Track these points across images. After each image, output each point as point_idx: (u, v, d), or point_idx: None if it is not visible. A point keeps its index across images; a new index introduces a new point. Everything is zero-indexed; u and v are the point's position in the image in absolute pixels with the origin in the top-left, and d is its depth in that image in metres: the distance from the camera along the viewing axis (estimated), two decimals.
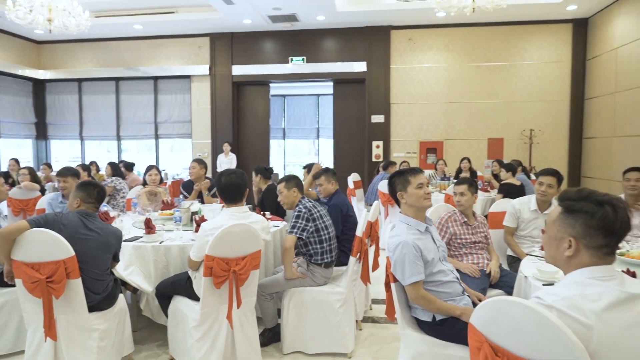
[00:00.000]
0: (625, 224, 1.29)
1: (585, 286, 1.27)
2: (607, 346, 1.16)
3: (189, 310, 2.81)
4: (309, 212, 3.17)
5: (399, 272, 2.30)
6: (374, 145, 9.35)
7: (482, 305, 1.37)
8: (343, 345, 3.14)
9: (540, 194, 3.46)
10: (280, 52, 9.57)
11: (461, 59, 9.11)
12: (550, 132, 8.98)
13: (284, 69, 9.56)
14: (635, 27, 7.15)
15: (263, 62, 9.64)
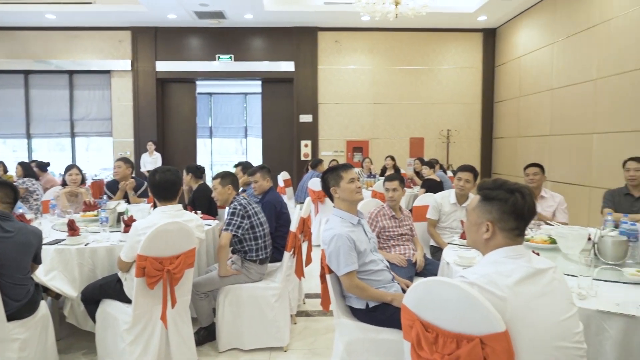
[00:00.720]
0: (531, 209, 1.49)
1: (500, 264, 1.44)
2: (519, 314, 1.34)
3: (120, 313, 2.72)
4: (244, 209, 3.19)
5: (334, 263, 2.41)
6: (303, 144, 9.49)
7: (413, 287, 1.50)
8: (279, 340, 3.21)
9: (459, 188, 3.77)
10: (207, 49, 9.38)
11: (385, 62, 9.53)
12: (464, 132, 9.69)
13: (210, 66, 9.38)
14: (536, 38, 7.94)
15: (189, 58, 9.39)
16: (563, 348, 1.37)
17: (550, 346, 1.36)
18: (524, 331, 1.33)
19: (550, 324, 1.37)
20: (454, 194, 3.83)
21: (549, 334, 1.36)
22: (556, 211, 3.97)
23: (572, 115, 6.88)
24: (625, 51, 5.73)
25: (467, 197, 3.81)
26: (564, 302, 1.44)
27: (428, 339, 1.44)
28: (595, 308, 1.85)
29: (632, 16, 5.60)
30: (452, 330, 1.39)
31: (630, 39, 5.64)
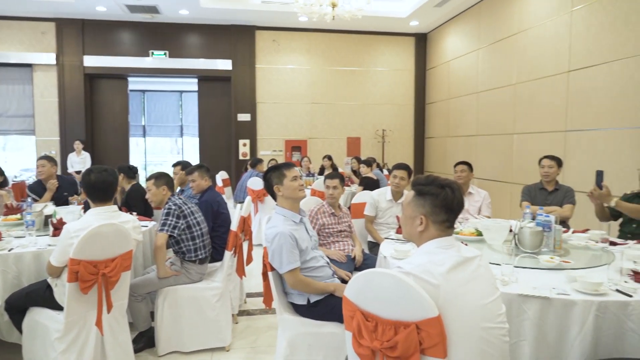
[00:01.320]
0: (459, 203, 1.62)
1: (433, 254, 1.56)
2: (450, 299, 1.45)
3: (50, 321, 2.58)
4: (179, 209, 3.13)
5: (277, 261, 2.45)
6: (241, 144, 9.41)
7: (354, 279, 1.58)
8: (221, 340, 3.19)
9: (395, 186, 3.94)
10: (140, 44, 9.02)
11: (322, 62, 9.68)
12: (399, 132, 10.08)
13: (143, 62, 9.03)
14: (463, 44, 8.44)
15: (120, 54, 8.97)
16: (489, 328, 1.50)
17: (477, 327, 1.48)
18: (454, 315, 1.45)
19: (477, 307, 1.50)
20: (389, 191, 4.00)
21: (476, 316, 1.49)
22: (482, 206, 4.27)
23: (495, 117, 7.39)
24: (540, 59, 6.26)
25: (402, 194, 3.99)
26: (489, 287, 1.58)
27: (368, 328, 1.52)
28: (515, 292, 2.04)
29: (546, 27, 6.13)
30: (390, 318, 1.48)
31: (544, 47, 6.17)
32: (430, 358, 1.44)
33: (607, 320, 1.95)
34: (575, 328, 1.97)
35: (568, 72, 5.73)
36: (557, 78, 5.92)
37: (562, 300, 1.98)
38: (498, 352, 1.53)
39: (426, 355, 1.44)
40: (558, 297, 1.98)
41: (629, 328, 1.95)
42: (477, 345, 1.47)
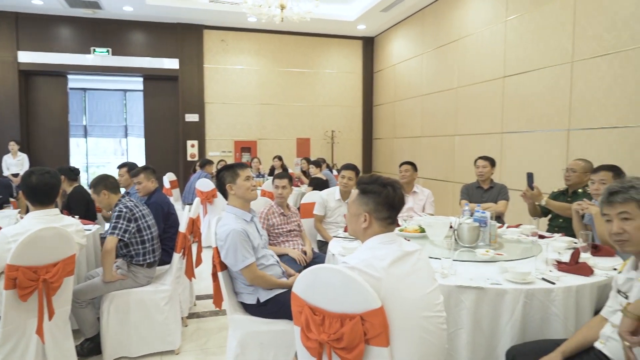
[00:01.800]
0: (400, 200, 1.72)
1: (376, 249, 1.65)
2: (392, 291, 1.55)
3: None
4: (131, 211, 3.07)
5: (231, 259, 2.47)
6: (189, 145, 9.23)
7: (301, 275, 1.65)
8: (170, 343, 3.16)
9: (343, 185, 4.05)
10: (81, 41, 8.61)
11: (271, 63, 9.68)
12: (347, 133, 10.28)
13: (84, 60, 8.64)
14: (407, 49, 8.74)
15: (59, 50, 8.52)
16: (428, 317, 1.62)
17: (417, 316, 1.59)
18: (396, 305, 1.55)
19: (417, 297, 1.61)
20: (338, 191, 4.10)
21: (416, 306, 1.60)
22: (425, 204, 4.47)
23: (438, 119, 7.72)
24: (478, 64, 6.62)
25: (350, 194, 4.11)
26: (428, 279, 1.69)
27: (316, 322, 1.59)
28: (454, 284, 2.18)
29: (484, 34, 6.49)
30: (337, 311, 1.55)
31: (482, 54, 6.53)
32: (374, 347, 1.53)
33: (534, 306, 2.13)
34: (507, 314, 2.13)
35: (503, 78, 6.11)
36: (494, 83, 6.29)
37: (495, 290, 2.14)
38: (436, 338, 1.64)
39: (370, 344, 1.53)
40: (491, 287, 2.14)
41: (553, 312, 2.14)
42: (417, 333, 1.58)
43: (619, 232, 1.67)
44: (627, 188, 1.67)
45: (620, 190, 1.68)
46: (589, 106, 4.87)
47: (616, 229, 1.68)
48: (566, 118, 5.15)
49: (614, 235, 1.69)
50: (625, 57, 4.47)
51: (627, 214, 1.66)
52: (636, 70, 4.36)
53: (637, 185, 1.67)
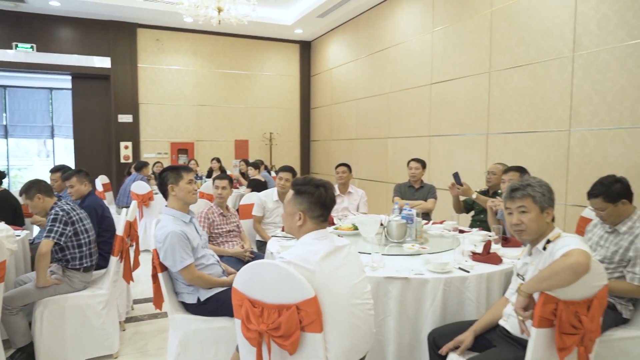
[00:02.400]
0: (332, 200, 1.90)
1: (310, 245, 1.82)
2: (324, 282, 1.72)
3: None
4: (67, 215, 3.01)
5: (170, 260, 2.52)
6: (123, 146, 8.92)
7: (241, 271, 1.77)
8: (108, 347, 3.14)
9: (281, 187, 4.19)
10: (1, 35, 8.05)
11: (208, 64, 9.60)
12: (285, 135, 10.42)
13: (5, 55, 8.08)
14: (343, 54, 9.05)
15: None
16: (357, 304, 1.80)
17: (347, 304, 1.77)
18: (328, 294, 1.72)
19: (347, 287, 1.79)
20: (276, 192, 4.24)
21: (346, 295, 1.78)
22: (359, 203, 4.72)
23: (372, 122, 8.08)
24: (409, 71, 7.03)
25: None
26: (357, 270, 1.88)
27: (255, 313, 1.72)
28: (382, 275, 2.39)
29: (413, 43, 6.90)
30: (274, 303, 1.70)
31: (412, 61, 6.95)
32: (309, 333, 1.69)
33: (452, 293, 2.40)
34: (429, 301, 2.38)
35: (430, 85, 6.54)
36: (422, 89, 6.71)
37: (418, 280, 2.38)
38: (364, 323, 1.83)
39: (305, 331, 1.69)
40: (415, 277, 2.38)
41: (467, 297, 2.42)
42: (347, 319, 1.76)
43: (518, 223, 1.96)
44: (525, 186, 1.97)
45: (520, 187, 1.97)
46: (504, 112, 5.37)
47: (515, 220, 1.97)
48: (485, 123, 5.64)
49: (514, 225, 1.98)
50: (532, 69, 4.99)
51: (525, 207, 1.95)
52: (542, 81, 4.89)
53: (533, 184, 1.97)
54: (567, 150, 4.67)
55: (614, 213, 2.46)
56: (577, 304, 1.70)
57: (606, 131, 4.31)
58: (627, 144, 4.15)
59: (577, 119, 4.57)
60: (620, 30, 4.16)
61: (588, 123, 4.47)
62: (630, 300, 2.43)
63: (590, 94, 4.44)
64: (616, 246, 2.44)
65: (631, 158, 4.12)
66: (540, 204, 1.92)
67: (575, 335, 1.68)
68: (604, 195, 2.46)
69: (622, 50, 4.16)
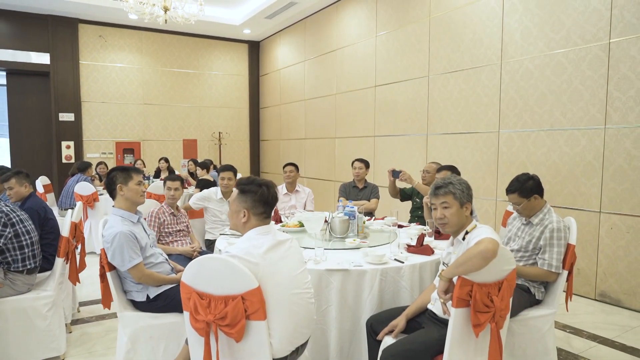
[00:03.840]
0: (274, 198, 2.05)
1: (254, 240, 1.96)
2: (267, 273, 1.87)
3: None
4: (7, 216, 2.97)
5: (119, 260, 2.57)
6: (64, 146, 8.60)
7: (189, 266, 1.88)
8: (55, 349, 3.11)
9: (224, 187, 4.30)
10: None
11: (154, 62, 9.44)
12: (235, 134, 10.43)
13: None
14: (291, 55, 9.20)
15: None
16: (297, 293, 1.97)
17: (289, 293, 1.93)
18: (271, 285, 1.87)
19: (289, 277, 1.95)
20: (219, 191, 4.35)
21: (288, 284, 1.94)
22: (306, 201, 4.90)
23: (320, 122, 8.29)
24: (354, 73, 7.29)
25: (231, 193, 4.37)
26: (297, 262, 2.05)
27: (203, 305, 1.84)
28: (324, 268, 2.58)
29: (358, 47, 7.17)
30: (221, 294, 1.83)
31: (357, 64, 7.21)
32: (254, 321, 1.84)
33: (388, 282, 2.63)
34: (367, 290, 2.60)
35: (375, 87, 6.83)
36: (367, 91, 7.00)
37: (357, 271, 2.59)
38: (305, 310, 2.00)
39: (250, 319, 1.83)
40: (354, 269, 2.58)
41: (402, 286, 2.65)
42: (289, 307, 1.92)
43: (441, 217, 2.20)
44: (447, 184, 2.21)
45: (442, 185, 2.21)
46: (442, 114, 5.73)
47: (439, 215, 2.21)
48: (425, 124, 5.98)
49: (438, 219, 2.22)
50: (466, 75, 5.37)
51: (447, 203, 2.19)
52: (475, 86, 5.27)
53: (454, 182, 2.21)
54: (497, 150, 5.07)
55: (528, 207, 2.77)
56: (489, 286, 1.95)
57: (529, 133, 4.74)
58: (547, 145, 4.59)
59: (504, 121, 4.98)
60: (539, 41, 4.59)
61: (514, 125, 4.88)
62: (542, 284, 2.76)
63: (515, 99, 4.85)
64: (530, 236, 2.76)
65: (550, 157, 4.56)
66: (460, 200, 2.17)
67: (487, 313, 1.93)
68: (519, 191, 2.77)
69: (541, 60, 4.59)
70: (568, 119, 4.40)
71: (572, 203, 4.41)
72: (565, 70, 4.39)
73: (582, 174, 4.31)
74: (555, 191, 4.54)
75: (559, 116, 4.47)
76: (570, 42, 4.34)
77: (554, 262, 2.64)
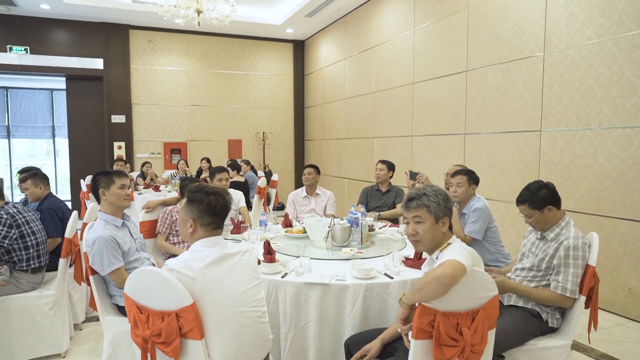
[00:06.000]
0: (223, 207, 1.89)
1: (197, 252, 1.82)
2: (206, 289, 1.72)
3: None
4: (12, 218, 3.09)
5: (98, 264, 2.56)
6: (116, 146, 9.05)
7: (129, 277, 1.78)
8: (56, 347, 3.20)
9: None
10: None
11: (201, 64, 9.65)
12: (279, 134, 10.43)
13: (2, 58, 8.25)
14: (333, 53, 9.00)
15: None
16: (242, 312, 1.80)
17: (231, 311, 1.77)
18: (210, 301, 1.72)
19: (232, 294, 1.79)
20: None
21: (230, 302, 1.78)
22: (327, 205, 4.70)
23: (359, 122, 8.03)
24: (392, 70, 6.96)
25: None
26: (247, 277, 1.88)
27: (142, 319, 1.74)
28: (302, 281, 2.39)
29: (397, 42, 6.83)
30: (158, 309, 1.71)
31: (395, 60, 6.88)
32: (190, 340, 1.70)
33: (373, 299, 2.38)
34: (349, 307, 2.37)
35: (412, 84, 6.47)
36: (405, 89, 6.65)
37: (338, 285, 2.37)
38: (252, 331, 1.83)
39: (187, 338, 1.70)
40: (335, 283, 2.36)
41: (390, 304, 2.39)
42: (231, 326, 1.76)
43: (413, 233, 1.92)
44: (421, 195, 1.92)
45: (415, 197, 1.93)
46: (480, 112, 5.28)
47: (410, 230, 1.93)
48: (462, 123, 5.55)
49: (410, 236, 1.94)
50: (506, 68, 4.89)
51: (419, 217, 1.90)
52: (515, 80, 4.79)
53: (429, 193, 1.92)
54: (539, 151, 4.57)
55: (541, 220, 2.40)
56: (459, 316, 1.66)
57: (574, 132, 4.21)
58: (594, 145, 4.05)
59: (547, 119, 4.47)
60: (587, 28, 4.06)
61: (557, 123, 4.37)
62: (558, 309, 2.37)
63: (559, 94, 4.34)
64: (543, 253, 2.39)
65: (598, 159, 4.02)
66: (435, 214, 1.88)
67: (455, 347, 1.65)
68: (529, 202, 2.40)
69: (589, 49, 4.05)
70: (619, 116, 3.84)
71: (622, 212, 3.85)
72: (616, 60, 3.84)
73: (635, 179, 3.74)
74: (603, 198, 3.99)
75: (608, 113, 3.92)
76: (623, 27, 3.78)
77: (569, 285, 2.25)
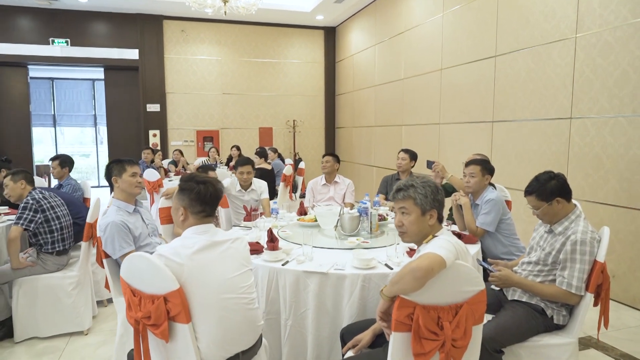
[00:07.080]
0: (213, 196, 1.93)
1: (187, 239, 1.87)
2: (193, 275, 1.77)
3: None
4: (38, 203, 3.27)
5: (110, 248, 2.68)
6: (151, 134, 9.36)
7: (124, 261, 1.86)
8: (78, 324, 3.39)
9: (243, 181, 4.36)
10: (39, 31, 8.62)
11: (233, 53, 9.77)
12: (309, 122, 10.43)
13: (45, 50, 8.67)
14: (363, 39, 8.87)
15: (18, 41, 8.53)
16: (229, 298, 1.84)
17: (218, 297, 1.81)
18: (197, 287, 1.77)
19: (219, 281, 1.83)
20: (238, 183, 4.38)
21: (217, 289, 1.82)
22: (346, 193, 4.68)
23: (388, 109, 7.91)
24: (420, 56, 6.79)
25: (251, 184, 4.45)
26: (236, 264, 1.91)
27: (135, 302, 1.81)
28: (301, 269, 2.41)
29: (425, 27, 6.65)
30: (149, 293, 1.78)
31: (424, 46, 6.70)
32: (178, 323, 1.76)
33: (371, 289, 2.37)
34: (346, 296, 2.37)
35: (441, 70, 6.29)
36: (433, 75, 6.47)
37: (336, 275, 2.37)
38: (239, 316, 1.86)
39: (175, 321, 1.76)
40: (333, 272, 2.37)
41: None
42: (217, 312, 1.81)
43: (399, 224, 1.89)
44: (408, 187, 1.88)
45: (403, 188, 1.89)
46: (509, 99, 5.08)
47: (397, 221, 1.90)
48: (490, 111, 5.36)
49: (397, 227, 1.91)
50: (536, 53, 4.67)
51: (405, 209, 1.87)
52: (545, 65, 4.57)
53: (417, 185, 1.88)
54: (568, 140, 4.36)
55: (549, 212, 2.30)
56: (440, 309, 1.63)
57: (606, 119, 3.98)
58: (627, 134, 3.82)
59: (578, 106, 4.25)
60: (623, 7, 3.80)
61: (589, 110, 4.14)
62: (565, 306, 2.28)
63: (591, 79, 4.11)
64: (550, 247, 2.29)
65: (631, 149, 3.79)
66: (421, 206, 1.84)
67: (435, 341, 1.62)
68: (537, 193, 2.31)
69: (624, 31, 3.80)
70: None
71: None
72: None
73: None
74: (636, 191, 3.76)
75: None
76: None
77: (574, 281, 2.16)
